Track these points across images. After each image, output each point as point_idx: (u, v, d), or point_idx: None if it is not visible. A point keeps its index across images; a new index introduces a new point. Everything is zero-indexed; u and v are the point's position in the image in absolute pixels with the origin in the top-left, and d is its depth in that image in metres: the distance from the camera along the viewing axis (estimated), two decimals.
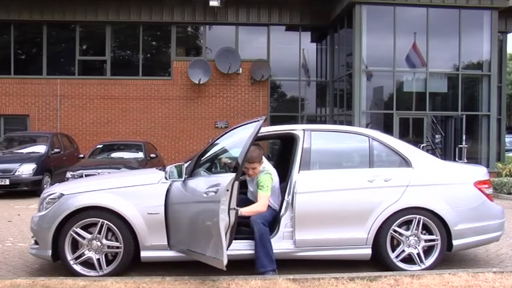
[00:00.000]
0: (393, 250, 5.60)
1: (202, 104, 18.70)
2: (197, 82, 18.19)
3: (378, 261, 5.66)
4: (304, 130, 5.89)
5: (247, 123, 5.42)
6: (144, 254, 5.40)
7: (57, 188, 5.77)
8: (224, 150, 5.77)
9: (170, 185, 5.41)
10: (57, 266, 5.68)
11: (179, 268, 5.63)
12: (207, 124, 18.67)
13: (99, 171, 11.34)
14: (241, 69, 18.59)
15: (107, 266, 5.36)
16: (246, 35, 19.12)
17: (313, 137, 5.82)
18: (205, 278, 5.02)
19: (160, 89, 18.60)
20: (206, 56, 18.89)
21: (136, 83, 18.58)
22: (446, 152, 16.77)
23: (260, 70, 18.53)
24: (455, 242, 5.66)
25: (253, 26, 18.98)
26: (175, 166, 5.42)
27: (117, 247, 5.36)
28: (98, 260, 5.35)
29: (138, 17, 18.40)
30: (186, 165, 5.41)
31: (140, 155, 13.64)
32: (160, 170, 6.07)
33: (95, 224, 5.36)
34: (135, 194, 5.44)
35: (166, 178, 5.43)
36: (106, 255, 5.39)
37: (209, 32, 19.22)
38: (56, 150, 14.05)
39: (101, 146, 14.38)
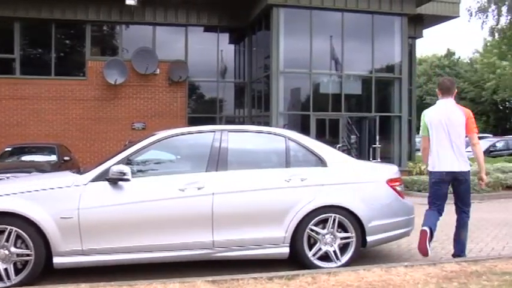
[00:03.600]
0: (310, 248, 5.68)
1: (119, 105, 18.25)
2: (113, 82, 17.74)
3: (296, 260, 5.73)
4: (221, 130, 5.92)
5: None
6: (56, 260, 5.16)
7: None
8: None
9: (97, 186, 5.28)
10: None
11: (101, 274, 5.45)
12: (124, 125, 18.24)
13: (8, 175, 10.75)
14: (158, 70, 18.32)
15: (16, 275, 5.06)
16: (163, 35, 18.86)
17: (230, 137, 5.84)
18: (122, 284, 4.88)
19: (75, 89, 17.96)
20: (123, 56, 18.46)
21: (48, 82, 17.84)
22: (361, 151, 17.32)
23: (178, 71, 18.35)
24: (369, 238, 5.83)
25: (171, 26, 18.76)
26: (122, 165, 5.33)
27: (28, 255, 5.08)
28: (6, 270, 5.03)
29: (49, 13, 17.63)
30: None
31: (53, 157, 13.07)
32: (74, 172, 5.86)
33: (2, 232, 5.07)
34: (47, 197, 5.20)
35: (126, 179, 5.25)
36: (15, 264, 5.10)
37: (126, 32, 18.81)
38: None
39: (9, 148, 13.64)
